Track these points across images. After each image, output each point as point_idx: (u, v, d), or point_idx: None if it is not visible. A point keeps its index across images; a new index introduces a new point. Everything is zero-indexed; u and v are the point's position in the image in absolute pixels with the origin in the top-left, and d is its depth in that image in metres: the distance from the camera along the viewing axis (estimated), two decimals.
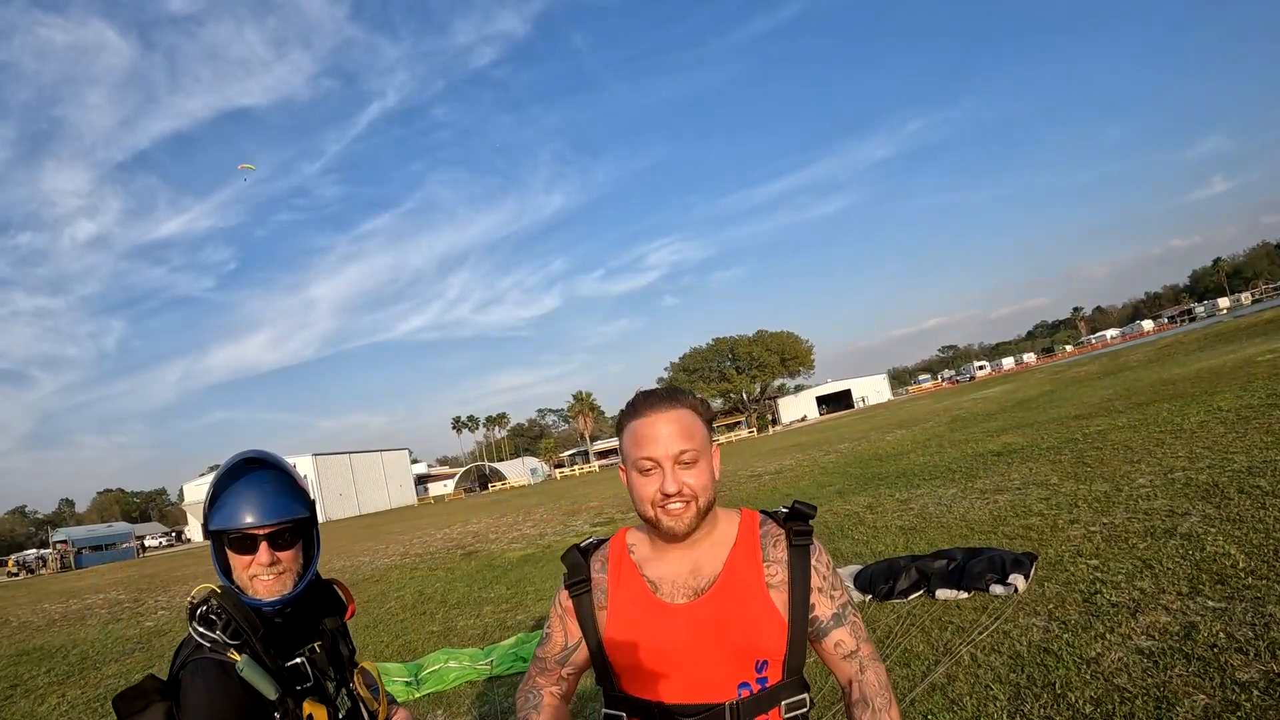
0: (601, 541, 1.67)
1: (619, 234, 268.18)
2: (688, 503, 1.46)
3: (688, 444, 1.47)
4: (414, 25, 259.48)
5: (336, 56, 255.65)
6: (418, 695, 6.04)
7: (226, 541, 1.72)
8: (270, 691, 1.59)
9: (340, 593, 1.98)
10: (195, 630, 1.62)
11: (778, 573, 1.52)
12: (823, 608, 1.55)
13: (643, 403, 1.53)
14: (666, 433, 1.47)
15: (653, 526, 1.51)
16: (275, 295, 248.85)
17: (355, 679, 1.89)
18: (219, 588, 1.71)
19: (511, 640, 6.88)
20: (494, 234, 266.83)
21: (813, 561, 1.54)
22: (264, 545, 1.71)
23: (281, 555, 1.74)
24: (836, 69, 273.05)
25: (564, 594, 1.63)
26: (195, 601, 1.68)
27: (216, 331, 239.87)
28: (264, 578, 1.71)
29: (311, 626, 1.85)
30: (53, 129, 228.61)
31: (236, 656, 1.59)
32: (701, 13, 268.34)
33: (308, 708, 1.69)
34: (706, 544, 1.54)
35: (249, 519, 1.70)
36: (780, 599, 1.51)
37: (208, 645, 1.60)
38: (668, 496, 1.45)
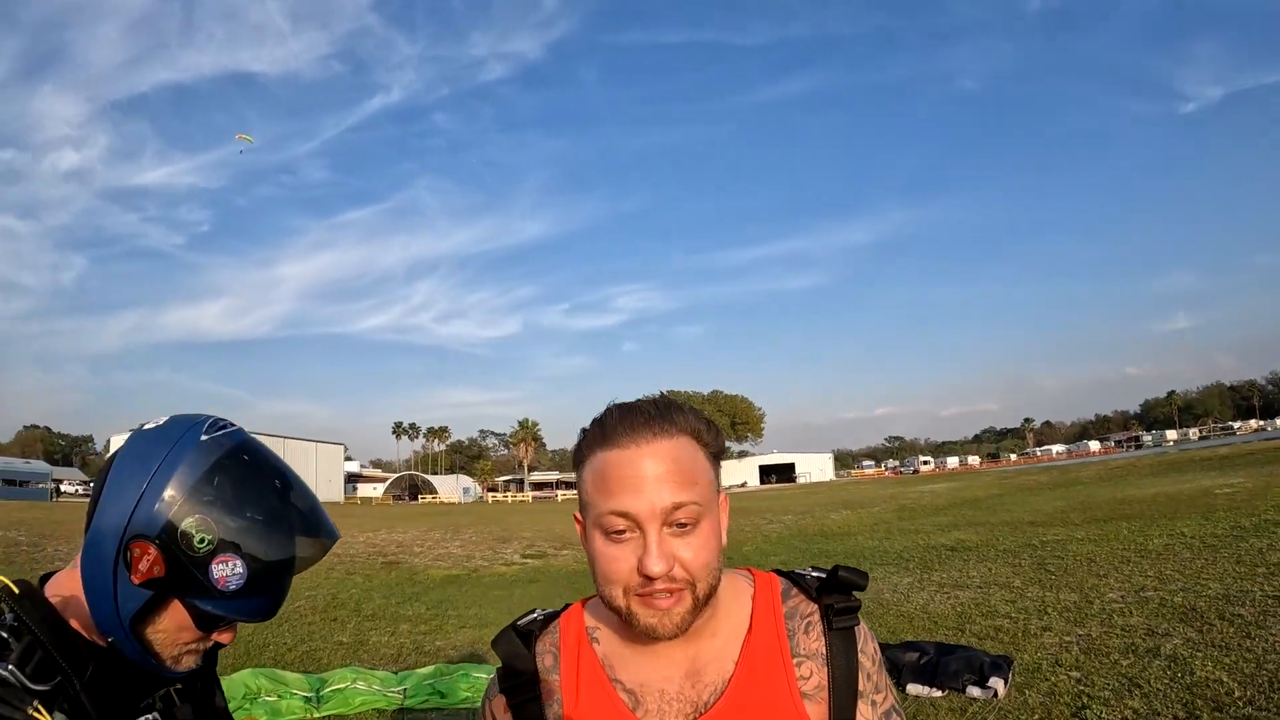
0: (550, 618, 1.08)
1: (590, 271, 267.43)
2: (679, 592, 0.90)
3: (686, 493, 0.90)
4: (432, 28, 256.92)
5: (350, 42, 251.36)
6: (317, 715, 5.39)
7: (194, 610, 1.00)
8: None
9: None
10: None
11: (813, 674, 0.99)
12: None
13: (619, 423, 0.94)
14: (655, 475, 0.90)
15: (622, 620, 0.94)
16: (243, 266, 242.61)
17: None
18: (16, 586, 0.98)
19: (429, 670, 6.19)
20: (468, 249, 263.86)
21: (859, 652, 1.02)
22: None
23: None
24: (834, 148, 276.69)
25: (499, 701, 1.03)
26: None
27: (176, 290, 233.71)
28: (198, 651, 1.08)
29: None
30: (58, 51, 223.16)
31: (43, 718, 0.88)
32: (712, 69, 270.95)
33: None
34: (707, 633, 1.00)
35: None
36: (819, 713, 0.97)
37: None
38: (650, 580, 0.89)
